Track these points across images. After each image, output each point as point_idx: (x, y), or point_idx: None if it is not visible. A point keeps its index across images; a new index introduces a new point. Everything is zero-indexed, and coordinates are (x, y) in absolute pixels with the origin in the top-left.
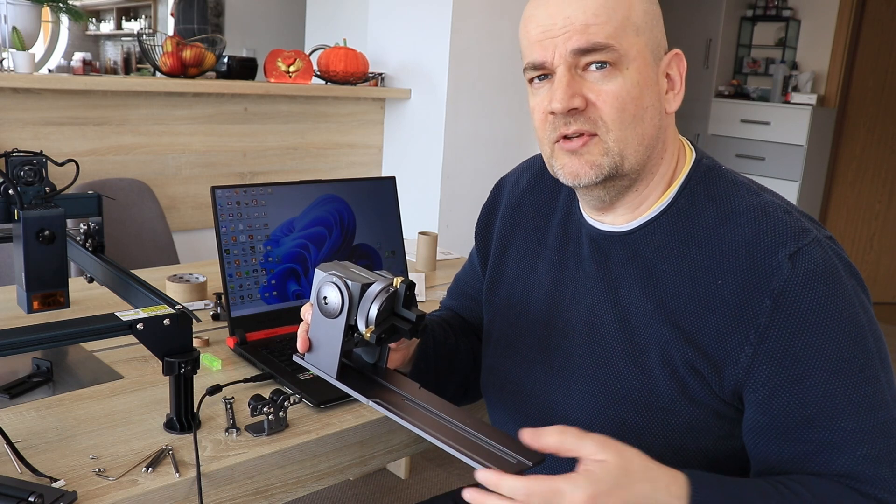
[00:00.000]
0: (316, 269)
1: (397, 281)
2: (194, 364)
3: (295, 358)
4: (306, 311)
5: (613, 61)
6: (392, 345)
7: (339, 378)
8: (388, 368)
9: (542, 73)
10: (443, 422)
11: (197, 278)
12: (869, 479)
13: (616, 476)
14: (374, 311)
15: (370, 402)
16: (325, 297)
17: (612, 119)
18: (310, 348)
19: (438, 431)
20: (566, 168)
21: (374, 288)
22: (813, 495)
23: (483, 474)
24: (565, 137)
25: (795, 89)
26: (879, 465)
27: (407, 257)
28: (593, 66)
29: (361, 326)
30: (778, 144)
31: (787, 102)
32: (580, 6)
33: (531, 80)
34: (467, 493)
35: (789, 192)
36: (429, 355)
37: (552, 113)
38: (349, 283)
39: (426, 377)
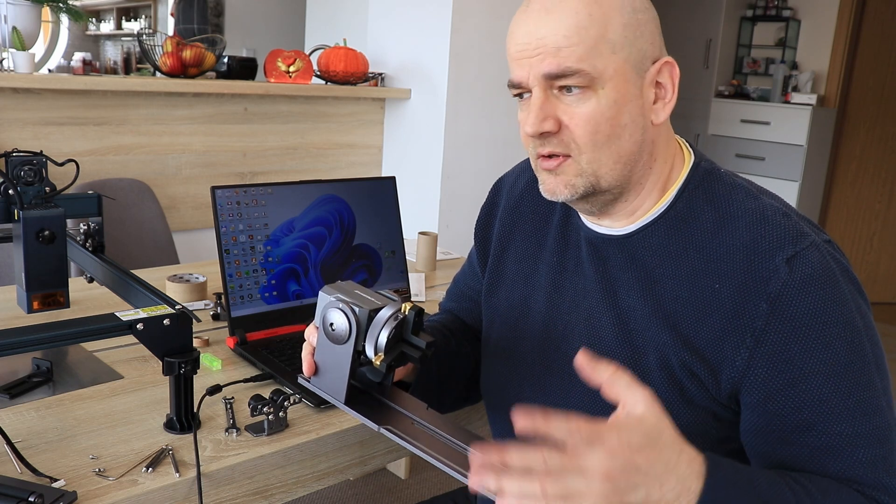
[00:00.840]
0: (320, 292)
1: (406, 307)
2: (194, 364)
3: (300, 380)
4: (311, 334)
5: (586, 84)
6: None
7: (347, 403)
8: (394, 387)
9: (521, 91)
10: (453, 446)
11: (197, 278)
12: (869, 483)
13: (650, 435)
14: (383, 339)
15: (381, 430)
16: (331, 324)
17: (584, 142)
18: (315, 371)
19: (449, 458)
20: (545, 185)
21: (383, 314)
22: (824, 496)
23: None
24: (543, 155)
25: (795, 89)
26: (876, 470)
27: (407, 257)
28: (567, 89)
29: (370, 353)
30: (778, 144)
31: (787, 102)
32: (552, 28)
33: (516, 95)
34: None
35: (789, 192)
36: (430, 364)
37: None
38: (356, 309)
39: (428, 385)
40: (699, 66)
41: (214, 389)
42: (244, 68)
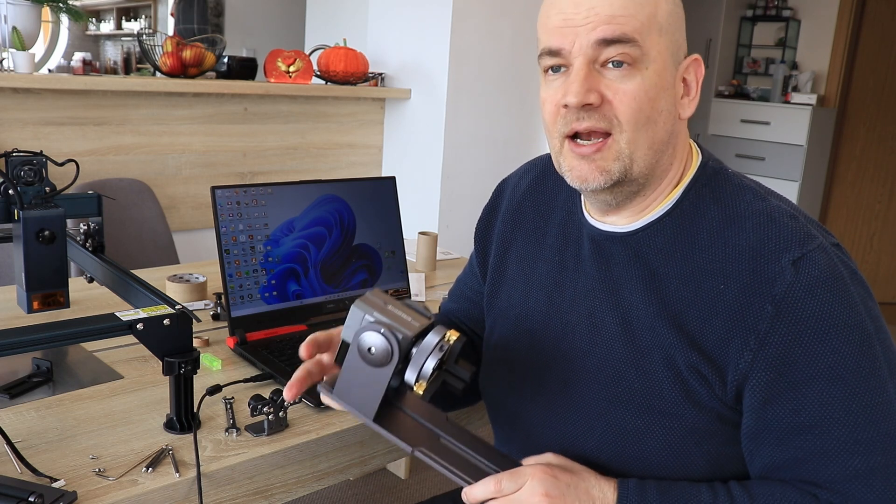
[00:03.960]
0: (353, 307)
1: (451, 336)
2: (194, 364)
3: (320, 389)
4: (308, 350)
5: (634, 59)
6: None
7: (375, 420)
8: (410, 392)
9: (558, 62)
10: (483, 466)
11: (197, 278)
12: (854, 494)
13: (558, 465)
14: (428, 369)
15: (415, 452)
16: (369, 348)
17: (626, 119)
18: (335, 384)
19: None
20: (574, 171)
21: (428, 343)
22: (755, 495)
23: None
24: (577, 138)
25: (795, 89)
26: (871, 478)
27: (407, 257)
28: (612, 64)
29: (410, 379)
30: (778, 144)
31: (787, 102)
32: None
33: (546, 70)
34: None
35: (789, 192)
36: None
37: (565, 106)
38: (399, 336)
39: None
40: None
41: (214, 389)
42: (244, 68)
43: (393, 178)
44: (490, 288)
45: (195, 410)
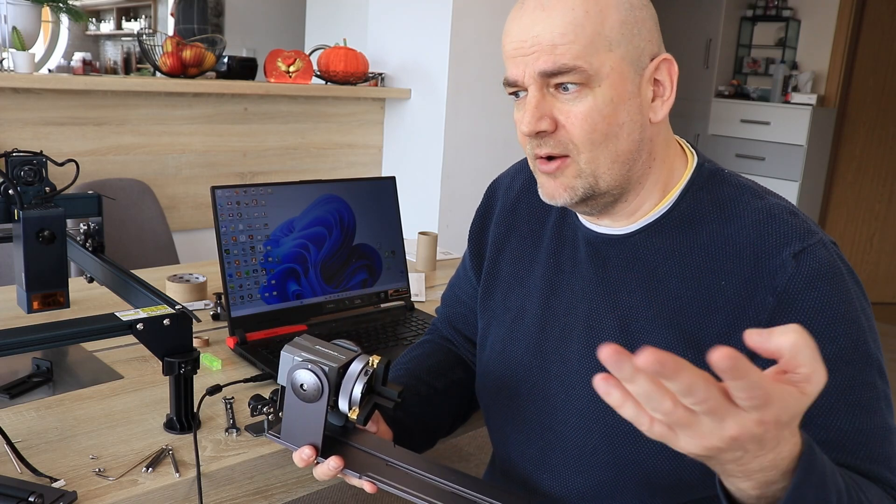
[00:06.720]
0: (282, 353)
1: (374, 360)
2: (194, 364)
3: (267, 435)
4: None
5: (583, 81)
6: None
7: (323, 455)
8: (357, 428)
9: (516, 89)
10: (432, 482)
11: (197, 278)
12: (881, 479)
13: (796, 417)
14: (357, 394)
15: (363, 478)
16: (301, 385)
17: (581, 141)
18: (281, 427)
19: (433, 496)
20: (543, 188)
21: (354, 369)
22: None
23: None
24: (541, 157)
25: (795, 89)
26: (881, 467)
27: (407, 257)
28: (562, 87)
29: (344, 407)
30: (778, 144)
31: (787, 102)
32: (548, 25)
33: (511, 94)
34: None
35: (789, 192)
36: (403, 421)
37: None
38: (325, 368)
39: (403, 436)
40: (699, 66)
41: (214, 389)
42: (244, 68)
43: (393, 178)
44: (484, 289)
45: (195, 410)
